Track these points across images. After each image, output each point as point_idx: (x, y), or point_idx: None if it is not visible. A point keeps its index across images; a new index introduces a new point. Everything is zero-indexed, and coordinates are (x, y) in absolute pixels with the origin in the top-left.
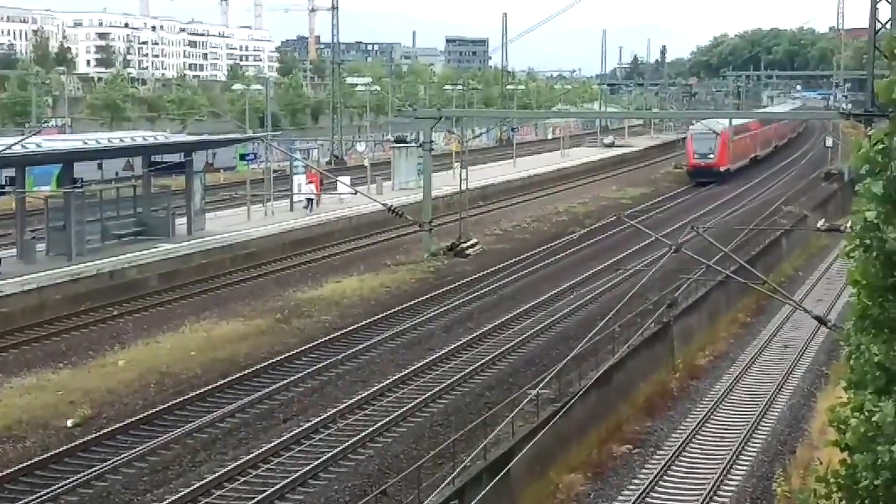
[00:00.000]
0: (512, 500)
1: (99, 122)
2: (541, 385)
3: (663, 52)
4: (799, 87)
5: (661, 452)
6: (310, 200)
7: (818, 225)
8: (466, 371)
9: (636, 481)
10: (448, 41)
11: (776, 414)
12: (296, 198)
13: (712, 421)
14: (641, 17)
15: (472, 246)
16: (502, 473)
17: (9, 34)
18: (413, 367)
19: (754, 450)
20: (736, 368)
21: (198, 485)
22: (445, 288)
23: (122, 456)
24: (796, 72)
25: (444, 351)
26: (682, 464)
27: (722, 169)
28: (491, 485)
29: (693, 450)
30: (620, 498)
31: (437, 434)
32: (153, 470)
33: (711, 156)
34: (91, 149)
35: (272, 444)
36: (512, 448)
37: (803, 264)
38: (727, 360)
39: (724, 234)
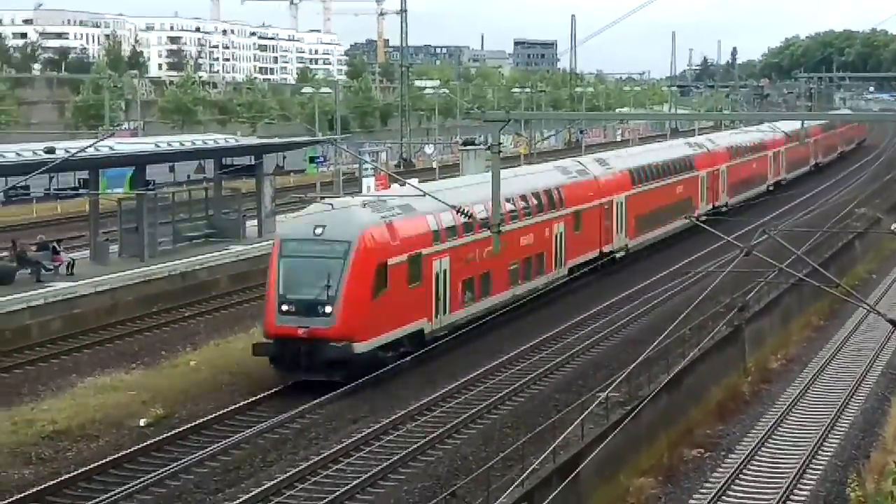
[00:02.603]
0: (581, 502)
1: (170, 125)
2: (611, 388)
3: (734, 53)
4: (872, 89)
5: (734, 456)
6: None
7: (892, 228)
8: (535, 373)
9: (707, 485)
10: (516, 44)
11: (849, 418)
12: None
13: (785, 425)
14: (711, 18)
15: None
16: (572, 476)
17: (82, 38)
18: (482, 370)
19: (827, 454)
20: (808, 372)
21: (269, 484)
22: None
23: (195, 455)
24: (869, 73)
25: (512, 353)
26: (755, 468)
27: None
28: (560, 488)
29: (765, 454)
30: (691, 502)
31: (506, 436)
32: (225, 469)
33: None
34: (163, 151)
35: (342, 445)
36: (581, 451)
37: (877, 267)
38: (799, 364)
39: (797, 237)
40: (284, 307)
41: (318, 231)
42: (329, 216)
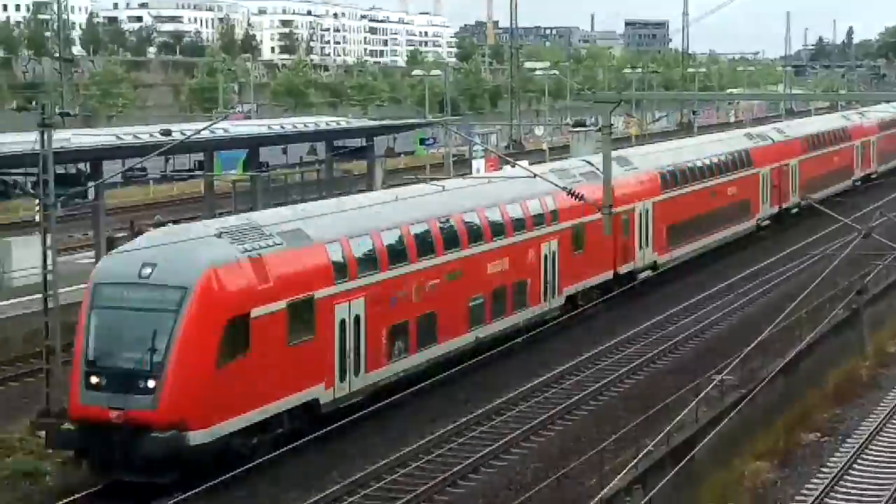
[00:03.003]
0: (696, 486)
1: (283, 107)
2: (726, 371)
3: (850, 33)
4: None
5: (851, 441)
6: None
7: None
8: (649, 355)
9: (825, 470)
10: (627, 24)
11: None
12: None
13: None
14: None
15: None
16: (686, 460)
17: (196, 22)
18: (595, 350)
19: None
20: None
21: (382, 462)
22: None
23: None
24: None
25: (625, 335)
26: (873, 453)
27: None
28: (675, 471)
29: (884, 439)
30: (808, 486)
31: (619, 418)
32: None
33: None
34: (276, 134)
35: (455, 424)
36: (696, 434)
37: None
38: None
39: None
40: (93, 379)
41: (146, 272)
42: (163, 251)
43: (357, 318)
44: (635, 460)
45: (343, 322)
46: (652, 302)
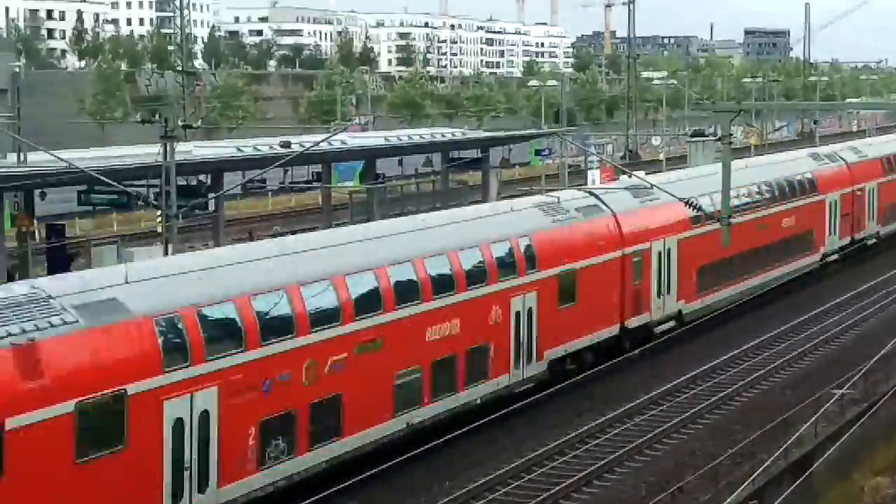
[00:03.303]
0: (813, 501)
1: (399, 119)
2: (847, 385)
3: None
4: None
5: None
6: None
7: None
8: (767, 368)
9: None
10: (747, 33)
11: None
12: None
13: None
14: None
15: None
16: (805, 476)
17: (315, 35)
18: (712, 363)
19: None
20: None
21: (487, 478)
22: None
23: None
24: None
25: (743, 347)
26: None
27: None
28: (793, 487)
29: None
30: None
31: (735, 432)
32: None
33: None
34: (392, 145)
35: (567, 437)
36: (814, 449)
37: None
38: None
39: None
40: None
41: None
42: None
43: (204, 415)
44: (753, 476)
45: (179, 422)
46: (769, 315)
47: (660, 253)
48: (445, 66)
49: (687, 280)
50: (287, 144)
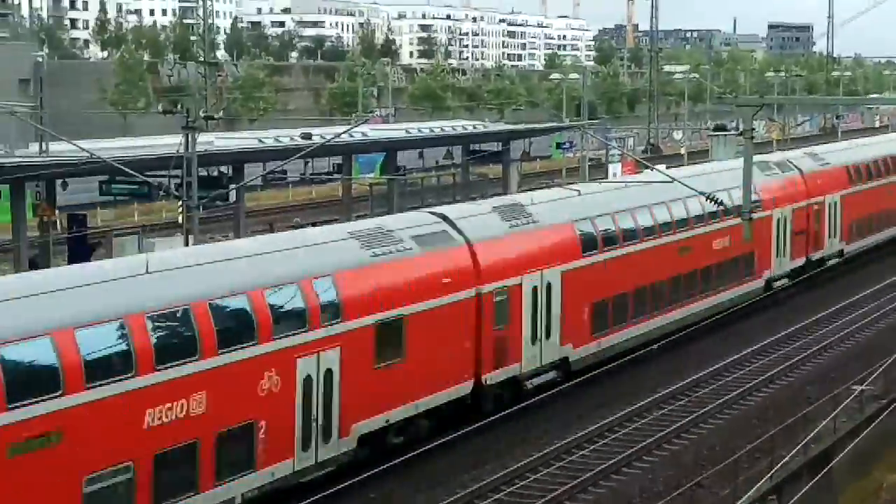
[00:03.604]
0: (832, 498)
1: (420, 111)
2: (867, 381)
3: None
4: None
5: None
6: None
7: None
8: (787, 364)
9: None
10: (770, 27)
11: None
12: None
13: None
14: None
15: None
16: (824, 472)
17: (337, 27)
18: (732, 358)
19: None
20: None
21: (514, 467)
22: None
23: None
24: None
25: (764, 342)
26: None
27: None
28: (812, 483)
29: None
30: None
31: (754, 427)
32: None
33: None
34: (413, 138)
35: (586, 431)
36: (833, 445)
37: None
38: None
39: None
40: None
41: None
42: None
43: None
44: (771, 471)
45: None
46: (791, 309)
47: (535, 288)
48: (467, 59)
49: (576, 320)
50: (308, 136)
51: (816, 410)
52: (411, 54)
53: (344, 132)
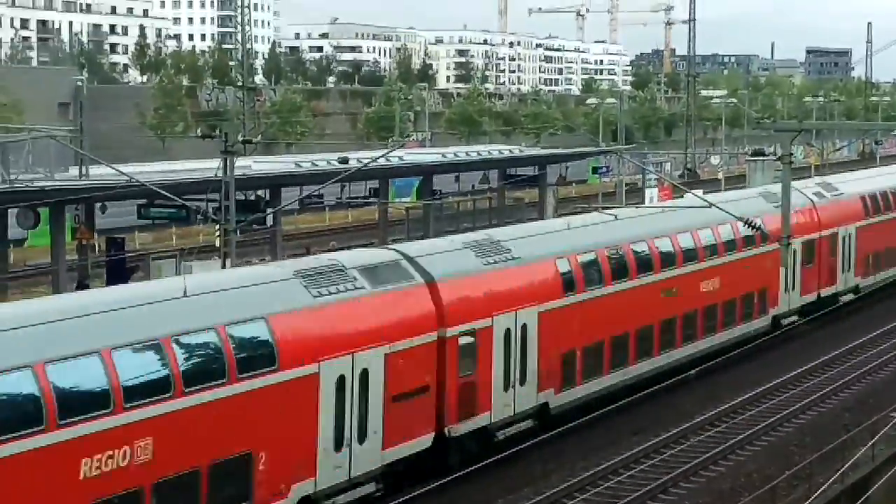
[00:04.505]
0: None
1: (456, 135)
2: None
3: None
4: None
5: None
6: None
7: None
8: (825, 391)
9: None
10: (808, 52)
11: None
12: None
13: None
14: None
15: None
16: (862, 500)
17: (375, 52)
18: (768, 385)
19: None
20: None
21: (538, 497)
22: None
23: None
24: None
25: (802, 368)
26: None
27: None
28: None
29: None
30: None
31: (792, 454)
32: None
33: None
34: (449, 162)
35: (622, 457)
36: (871, 472)
37: None
38: None
39: None
40: None
41: None
42: None
43: None
44: (810, 499)
45: None
46: (827, 337)
47: (509, 330)
48: (503, 83)
49: (556, 363)
50: (345, 160)
51: (855, 437)
52: (448, 79)
53: (381, 156)
